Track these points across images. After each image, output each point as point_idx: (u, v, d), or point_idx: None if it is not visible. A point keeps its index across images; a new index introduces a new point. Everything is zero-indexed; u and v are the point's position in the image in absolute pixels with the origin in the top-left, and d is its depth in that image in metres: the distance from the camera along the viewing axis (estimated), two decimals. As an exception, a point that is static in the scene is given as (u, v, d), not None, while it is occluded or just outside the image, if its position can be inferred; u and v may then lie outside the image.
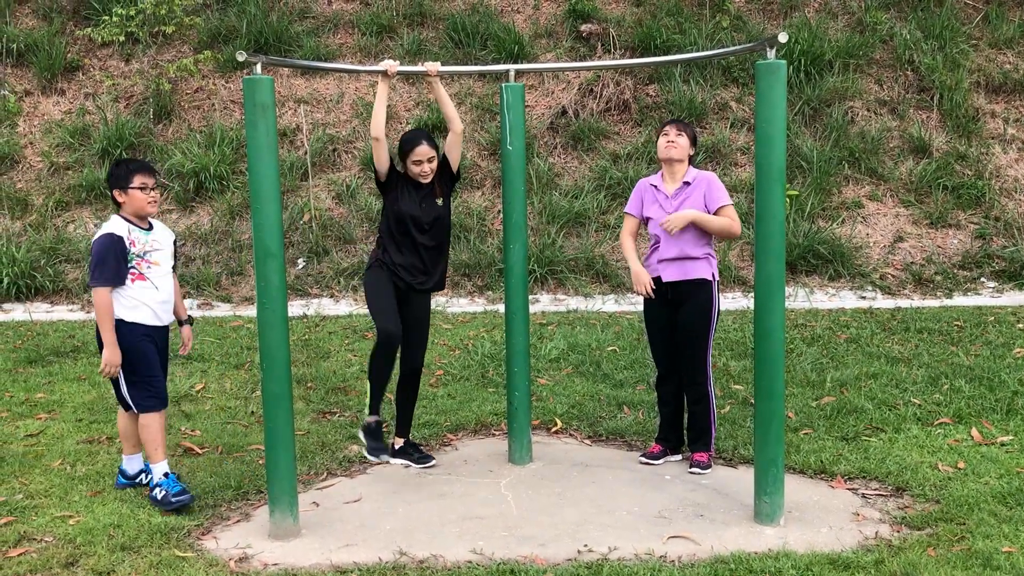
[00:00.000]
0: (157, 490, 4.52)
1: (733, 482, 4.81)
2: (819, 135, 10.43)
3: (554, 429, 5.69)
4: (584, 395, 6.21)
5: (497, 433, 5.64)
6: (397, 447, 5.19)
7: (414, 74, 6.01)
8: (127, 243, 4.50)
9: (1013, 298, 8.82)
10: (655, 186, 5.00)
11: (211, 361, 7.15)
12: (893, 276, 9.30)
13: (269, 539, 4.24)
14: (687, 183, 4.91)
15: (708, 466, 4.95)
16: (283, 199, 10.09)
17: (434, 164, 4.99)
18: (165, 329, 4.68)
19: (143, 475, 4.76)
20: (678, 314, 4.97)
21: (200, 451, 5.35)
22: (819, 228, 9.56)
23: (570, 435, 5.63)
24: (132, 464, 4.80)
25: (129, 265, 4.49)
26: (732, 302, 8.84)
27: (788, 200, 9.63)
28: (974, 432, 5.29)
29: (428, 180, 4.97)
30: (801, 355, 6.91)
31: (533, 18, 11.70)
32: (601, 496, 4.68)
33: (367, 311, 5.14)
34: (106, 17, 11.01)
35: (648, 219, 5.01)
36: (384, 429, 5.18)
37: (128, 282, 4.49)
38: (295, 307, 9.00)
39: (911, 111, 10.62)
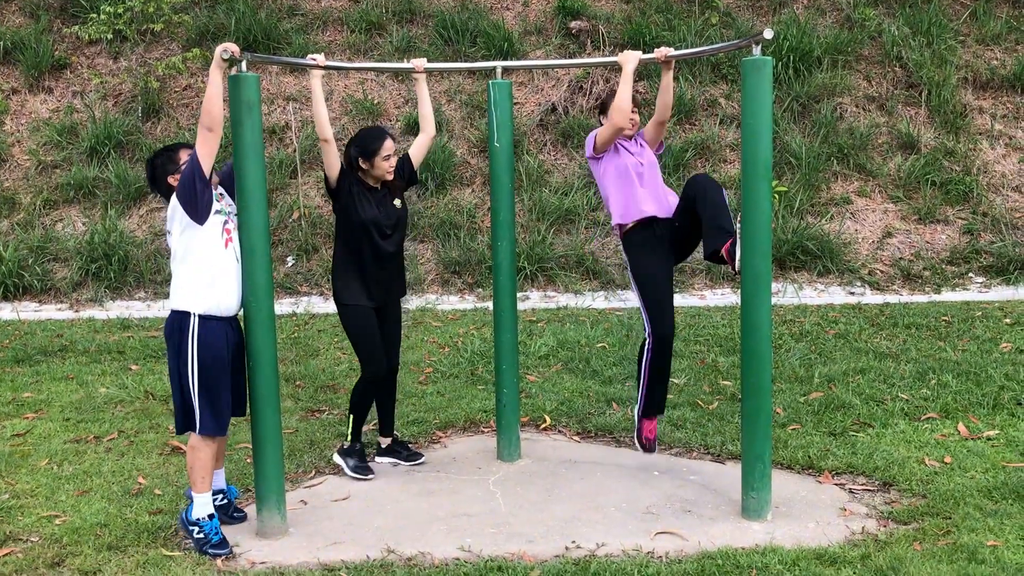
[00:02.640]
0: (196, 529, 4.11)
1: (721, 477, 4.82)
2: (808, 131, 10.46)
3: (543, 426, 5.70)
4: (573, 392, 6.21)
5: (486, 430, 5.64)
6: (384, 446, 5.18)
7: (403, 71, 6.01)
8: (213, 188, 4.08)
9: (1000, 293, 8.86)
10: (621, 143, 4.89)
11: (200, 359, 7.12)
12: (882, 272, 9.33)
13: (256, 537, 4.24)
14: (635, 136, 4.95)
15: None
16: (272, 197, 10.07)
17: (396, 161, 4.82)
18: (236, 321, 4.24)
19: (218, 495, 4.35)
20: (673, 256, 4.90)
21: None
22: (808, 224, 9.58)
23: (559, 432, 5.63)
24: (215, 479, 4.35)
25: (224, 221, 4.10)
26: (721, 298, 8.86)
27: (777, 196, 9.65)
28: (961, 427, 5.31)
29: (391, 177, 4.77)
30: (789, 351, 6.93)
31: (523, 15, 11.69)
32: (589, 492, 4.69)
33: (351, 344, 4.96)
34: (94, 15, 10.96)
35: (606, 158, 4.85)
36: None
37: (223, 244, 4.08)
38: (284, 305, 8.98)
39: (899, 107, 10.65)
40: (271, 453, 4.25)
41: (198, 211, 4.04)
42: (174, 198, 4.08)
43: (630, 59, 4.75)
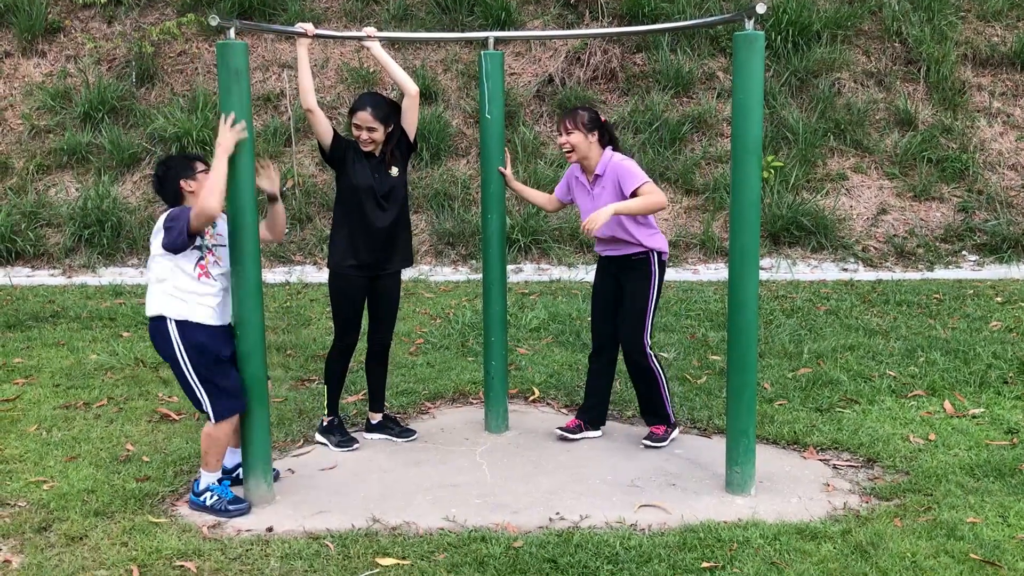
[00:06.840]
0: (208, 496, 4.16)
1: (706, 452, 4.85)
2: (805, 106, 10.40)
3: (532, 398, 5.72)
4: (562, 364, 6.23)
5: (475, 402, 5.67)
6: (375, 422, 5.14)
7: (398, 40, 5.99)
8: (207, 234, 4.12)
9: (993, 271, 8.87)
10: (577, 176, 4.96)
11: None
12: (875, 248, 9.33)
13: (243, 505, 4.26)
14: (598, 175, 4.80)
15: (662, 439, 4.94)
16: (266, 165, 10.01)
17: (376, 135, 4.70)
18: (228, 328, 4.23)
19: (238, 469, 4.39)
20: (622, 287, 4.93)
21: (177, 417, 5.36)
22: (803, 199, 9.57)
23: (547, 404, 5.65)
24: (230, 458, 4.42)
25: (200, 256, 4.09)
26: (714, 272, 8.86)
27: (772, 171, 9.62)
28: (947, 404, 5.33)
29: (368, 149, 4.72)
30: (780, 326, 6.94)
31: (520, -16, 11.57)
32: (575, 465, 4.71)
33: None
34: (87, -22, 10.87)
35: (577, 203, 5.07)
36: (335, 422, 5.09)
37: (195, 276, 4.07)
38: (277, 274, 8.97)
39: (898, 83, 10.60)
40: (258, 422, 4.27)
41: (175, 248, 4.02)
42: (161, 219, 4.04)
43: (596, 223, 4.54)
